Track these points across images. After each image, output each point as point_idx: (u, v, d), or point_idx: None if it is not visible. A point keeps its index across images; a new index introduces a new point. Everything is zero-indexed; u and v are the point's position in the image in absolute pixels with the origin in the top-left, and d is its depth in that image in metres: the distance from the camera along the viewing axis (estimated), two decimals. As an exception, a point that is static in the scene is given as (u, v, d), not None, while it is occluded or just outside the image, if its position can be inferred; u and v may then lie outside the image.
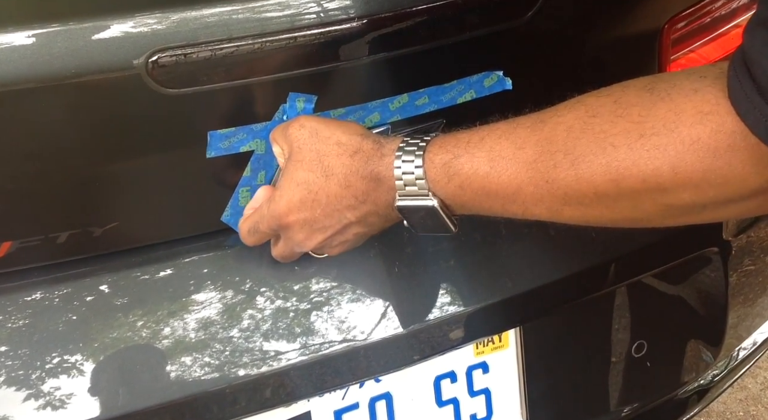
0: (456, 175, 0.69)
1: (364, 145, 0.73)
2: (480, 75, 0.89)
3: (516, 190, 0.66)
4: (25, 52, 0.69)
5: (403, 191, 0.72)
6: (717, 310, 1.13)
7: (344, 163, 0.73)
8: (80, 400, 0.76)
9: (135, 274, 0.83)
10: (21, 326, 0.78)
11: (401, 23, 0.81)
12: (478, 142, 0.68)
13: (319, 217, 0.75)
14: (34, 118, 0.73)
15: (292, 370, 0.83)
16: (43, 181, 0.76)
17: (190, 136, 0.80)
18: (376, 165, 0.72)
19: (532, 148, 0.65)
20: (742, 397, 1.82)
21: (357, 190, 0.74)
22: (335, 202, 0.75)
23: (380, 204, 0.74)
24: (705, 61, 1.12)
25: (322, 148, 0.74)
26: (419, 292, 0.90)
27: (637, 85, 0.63)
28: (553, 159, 0.64)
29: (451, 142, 0.70)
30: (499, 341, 0.97)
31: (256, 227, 0.80)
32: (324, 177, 0.74)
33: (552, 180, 0.64)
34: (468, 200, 0.70)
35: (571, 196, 0.64)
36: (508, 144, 0.67)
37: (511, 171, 0.66)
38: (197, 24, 0.74)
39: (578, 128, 0.63)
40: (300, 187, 0.75)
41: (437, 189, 0.70)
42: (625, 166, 0.60)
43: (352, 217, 0.76)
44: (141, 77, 0.73)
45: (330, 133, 0.75)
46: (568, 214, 0.66)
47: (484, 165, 0.67)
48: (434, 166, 0.70)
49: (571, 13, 0.94)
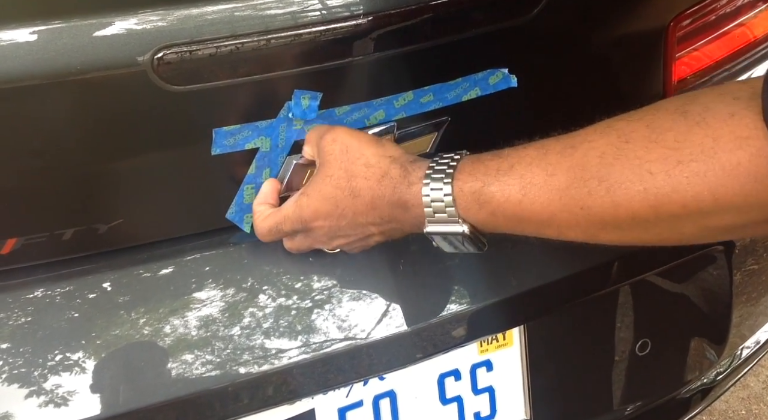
0: (487, 203, 0.69)
1: (391, 171, 0.74)
2: (485, 72, 0.89)
3: (550, 216, 0.66)
4: (30, 49, 0.69)
5: (432, 218, 0.72)
6: (721, 308, 1.13)
7: (371, 186, 0.74)
8: (83, 397, 0.76)
9: (138, 271, 0.83)
10: (24, 323, 0.78)
11: (406, 20, 0.81)
12: (508, 169, 0.68)
13: (344, 227, 0.77)
14: (40, 114, 0.72)
15: (296, 367, 0.83)
16: (48, 177, 0.76)
17: (195, 133, 0.79)
18: (403, 192, 0.73)
19: (564, 175, 0.65)
20: (744, 395, 1.82)
21: (383, 213, 0.75)
22: (361, 219, 0.76)
23: (406, 225, 0.75)
24: (709, 59, 1.12)
25: (351, 168, 0.75)
26: (423, 290, 0.90)
27: (669, 108, 0.62)
28: (586, 186, 0.63)
29: (480, 169, 0.70)
30: (503, 339, 0.97)
31: (279, 228, 0.81)
32: (351, 196, 0.75)
33: (587, 207, 0.64)
34: (500, 224, 0.70)
35: (607, 222, 0.64)
36: (539, 171, 0.66)
37: (544, 198, 0.66)
38: (203, 21, 0.73)
39: (611, 154, 0.62)
40: (328, 201, 0.76)
41: (468, 215, 0.71)
42: (664, 192, 0.60)
43: (376, 231, 0.77)
44: (146, 74, 0.73)
45: (360, 153, 0.75)
46: (604, 238, 0.66)
47: (515, 193, 0.67)
48: (464, 195, 0.70)
49: (576, 10, 0.94)
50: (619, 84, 1.04)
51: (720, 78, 1.13)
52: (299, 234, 0.81)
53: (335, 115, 0.84)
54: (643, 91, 1.05)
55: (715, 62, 1.13)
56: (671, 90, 1.06)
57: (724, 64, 1.14)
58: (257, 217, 0.83)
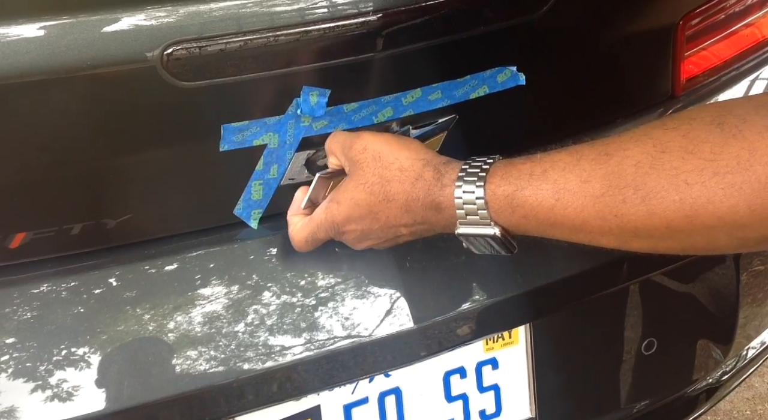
0: (520, 207, 0.69)
1: (425, 173, 0.75)
2: (493, 70, 0.89)
3: (582, 222, 0.66)
4: (41, 44, 0.69)
5: (464, 220, 0.73)
6: (728, 308, 1.13)
7: (405, 189, 0.75)
8: (88, 392, 0.76)
9: (143, 267, 0.83)
10: (30, 318, 0.78)
11: (415, 18, 0.81)
12: (541, 174, 0.68)
13: (376, 230, 0.78)
14: (50, 109, 0.73)
15: (302, 364, 0.83)
16: (58, 172, 0.76)
17: (203, 129, 0.80)
18: (437, 195, 0.74)
19: (598, 182, 0.65)
20: (749, 396, 1.81)
21: (416, 215, 0.76)
22: (393, 222, 0.77)
23: (438, 226, 0.76)
24: (717, 59, 1.12)
25: (385, 173, 0.76)
26: (430, 288, 0.90)
27: (705, 119, 0.62)
28: (621, 194, 0.63)
29: (512, 173, 0.70)
30: (509, 337, 0.97)
31: (314, 236, 0.82)
32: (385, 201, 0.76)
33: (621, 214, 0.64)
34: (532, 228, 0.70)
35: (641, 230, 0.64)
36: (573, 177, 0.66)
37: (577, 204, 0.66)
38: (212, 17, 0.73)
39: (647, 163, 0.62)
40: (361, 207, 0.77)
41: (500, 218, 0.71)
42: (699, 203, 0.60)
43: (406, 232, 0.79)
44: (155, 70, 0.73)
45: (393, 158, 0.76)
46: (636, 246, 0.66)
47: (549, 197, 0.67)
48: (496, 198, 0.70)
49: (585, 8, 0.93)
50: (627, 82, 1.03)
51: (728, 78, 1.13)
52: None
53: (343, 112, 0.84)
54: (652, 89, 1.05)
55: (723, 62, 1.12)
56: (680, 89, 1.06)
57: (732, 63, 1.13)
58: (292, 229, 0.84)
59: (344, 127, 0.85)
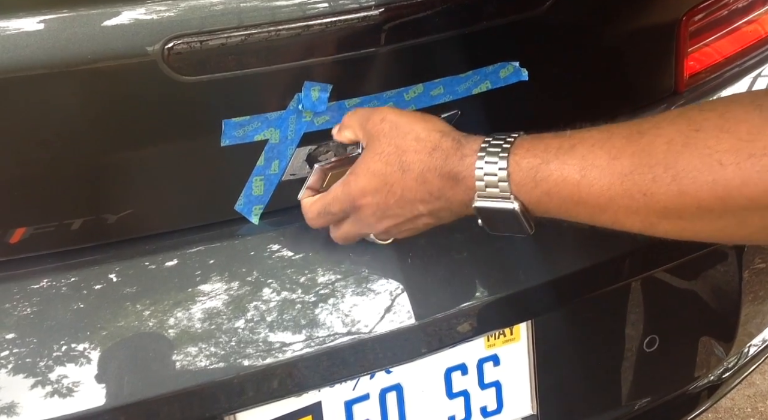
0: (543, 181, 0.67)
1: (443, 143, 0.73)
2: (496, 65, 0.89)
3: (608, 201, 0.65)
4: (41, 38, 0.69)
5: (483, 192, 0.71)
6: (730, 305, 1.13)
7: (422, 159, 0.73)
8: (88, 388, 0.76)
9: (144, 262, 0.83)
10: (30, 313, 0.78)
11: (417, 12, 0.81)
12: (569, 148, 0.67)
13: (392, 205, 0.76)
14: (51, 103, 0.72)
15: (303, 361, 0.83)
16: (58, 167, 0.76)
17: (204, 124, 0.79)
18: (455, 164, 0.72)
19: (628, 159, 0.63)
20: (750, 393, 1.81)
21: (432, 187, 0.74)
22: (409, 195, 0.75)
23: (455, 202, 0.74)
24: (720, 55, 1.12)
25: (401, 142, 0.74)
26: (431, 284, 0.89)
27: (743, 101, 0.61)
28: (651, 172, 0.62)
29: (539, 146, 0.68)
30: (510, 334, 0.97)
31: (327, 209, 0.80)
32: (401, 171, 0.74)
33: (650, 193, 0.62)
34: (553, 206, 0.69)
35: (670, 210, 0.62)
36: (602, 153, 0.65)
37: (604, 181, 0.64)
38: (214, 11, 0.73)
39: (680, 142, 0.61)
40: (376, 177, 0.76)
41: (521, 193, 0.69)
42: (733, 184, 0.59)
43: (424, 210, 0.76)
44: (156, 64, 0.72)
45: (410, 128, 0.75)
46: (664, 228, 0.65)
47: (575, 173, 0.66)
48: (520, 170, 0.69)
49: (588, 3, 0.93)
50: (630, 78, 1.03)
51: (730, 74, 1.13)
52: (347, 220, 0.81)
53: (345, 107, 0.84)
54: (655, 85, 1.05)
55: (726, 58, 1.12)
56: (683, 85, 1.05)
57: (734, 60, 1.13)
58: (305, 203, 0.82)
59: (346, 123, 0.84)
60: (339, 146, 0.86)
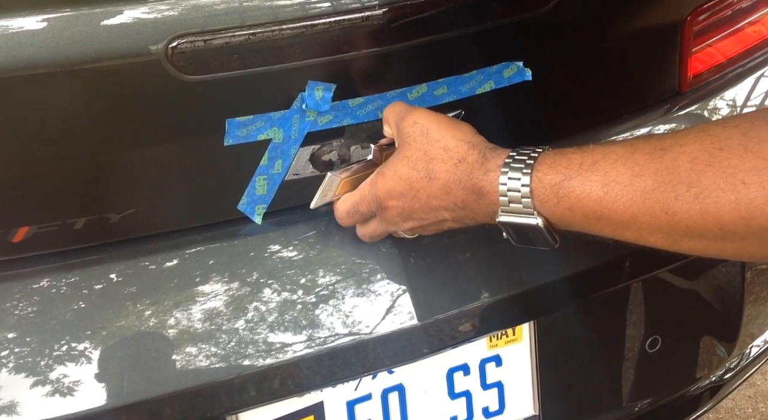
0: (566, 197, 0.67)
1: (469, 156, 0.73)
2: (500, 65, 0.88)
3: (631, 218, 0.65)
4: (45, 37, 0.69)
5: (506, 207, 0.71)
6: (732, 306, 1.13)
7: (448, 170, 0.74)
8: (88, 387, 0.76)
9: (144, 262, 0.83)
10: (30, 313, 0.78)
11: (420, 12, 0.81)
12: (591, 165, 0.67)
13: (417, 209, 0.77)
14: (55, 102, 0.72)
15: (305, 361, 0.82)
16: (62, 166, 0.76)
17: (208, 123, 0.79)
18: (479, 179, 0.72)
19: (651, 177, 0.63)
20: (751, 393, 1.81)
21: (457, 198, 0.74)
22: (434, 202, 0.76)
23: (479, 213, 0.75)
24: (723, 56, 1.11)
25: (430, 150, 0.75)
26: (434, 284, 0.89)
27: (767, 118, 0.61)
28: (674, 190, 0.62)
29: (561, 162, 0.68)
30: (512, 335, 0.97)
31: (356, 208, 0.81)
32: (427, 178, 0.75)
33: (672, 212, 0.62)
34: (576, 222, 0.69)
35: (693, 230, 0.62)
36: (625, 170, 0.65)
37: (627, 198, 0.64)
38: (218, 10, 0.73)
39: (703, 160, 0.61)
40: (403, 181, 0.76)
41: (544, 209, 0.69)
42: (756, 204, 0.58)
43: (448, 216, 0.77)
44: (160, 63, 0.72)
45: (440, 135, 0.75)
46: (687, 246, 0.64)
47: (597, 189, 0.66)
48: (543, 186, 0.69)
49: (593, 3, 0.93)
50: (634, 78, 1.03)
51: (734, 75, 1.12)
52: (374, 218, 0.82)
53: (348, 107, 0.83)
54: (659, 85, 1.05)
55: (729, 59, 1.12)
56: (686, 85, 1.05)
57: (738, 60, 1.13)
58: (337, 203, 0.83)
59: (349, 122, 0.84)
60: (342, 146, 0.86)
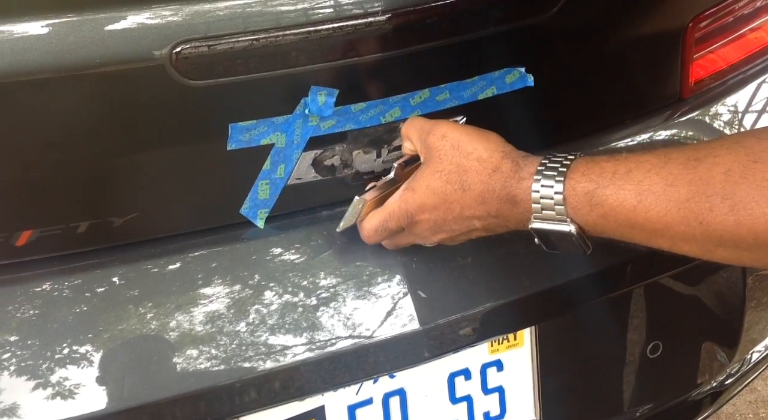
0: (599, 206, 0.68)
1: (503, 165, 0.74)
2: (502, 71, 0.89)
3: (665, 227, 0.65)
4: (49, 42, 0.69)
5: (539, 215, 0.72)
6: (733, 312, 1.13)
7: (482, 180, 0.74)
8: (89, 391, 0.76)
9: (146, 266, 0.83)
10: (32, 316, 0.78)
11: (423, 18, 0.81)
12: (624, 173, 0.67)
13: (449, 221, 0.78)
14: (58, 107, 0.73)
15: (306, 365, 0.83)
16: (66, 170, 0.76)
17: (211, 128, 0.79)
18: (513, 187, 0.73)
19: (685, 187, 0.64)
20: (751, 399, 1.81)
21: (491, 207, 0.75)
22: (467, 213, 0.76)
23: (512, 220, 0.75)
24: (724, 62, 1.12)
25: (463, 162, 0.75)
26: (436, 289, 0.89)
27: None
28: (708, 201, 0.62)
29: (594, 170, 0.69)
30: (514, 339, 0.97)
31: (384, 225, 0.81)
32: (461, 190, 0.75)
33: (707, 222, 0.63)
34: (609, 229, 0.69)
35: (727, 240, 0.63)
36: (659, 179, 0.65)
37: (660, 207, 0.65)
38: (221, 16, 0.73)
39: (737, 172, 0.61)
40: (436, 195, 0.76)
41: (577, 216, 0.70)
42: None
43: (479, 225, 0.78)
44: (164, 68, 0.73)
45: (472, 148, 0.75)
46: (721, 255, 0.65)
47: (631, 198, 0.66)
48: (576, 194, 0.69)
49: (595, 9, 0.93)
50: (636, 84, 1.03)
51: (735, 81, 1.13)
52: (401, 233, 0.82)
53: (351, 112, 0.84)
54: (660, 91, 1.05)
55: (730, 65, 1.12)
56: (688, 91, 1.06)
57: (739, 67, 1.13)
58: (362, 219, 0.83)
59: (351, 127, 0.85)
60: (345, 151, 0.87)
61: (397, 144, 0.89)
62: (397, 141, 0.89)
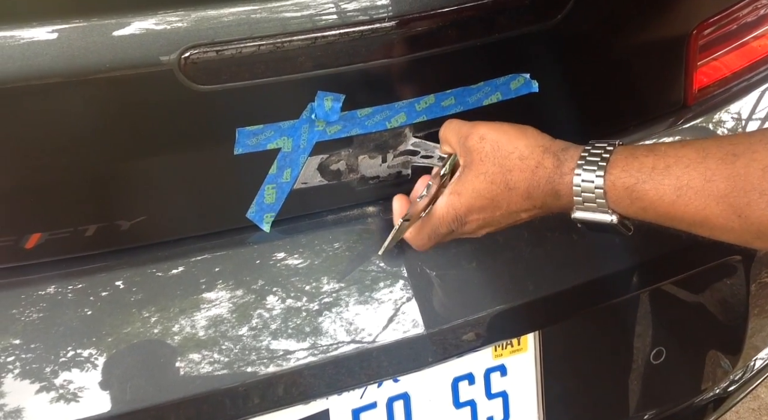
0: (639, 200, 0.70)
1: (545, 161, 0.75)
2: (507, 77, 0.89)
3: (703, 219, 0.67)
4: (59, 47, 0.69)
5: (581, 206, 0.73)
6: (737, 318, 1.13)
7: (526, 178, 0.76)
8: (93, 394, 0.77)
9: (150, 270, 0.83)
10: (36, 319, 0.78)
11: (429, 24, 0.81)
12: (663, 169, 0.68)
13: (498, 217, 0.79)
14: (67, 112, 0.73)
15: (311, 369, 0.83)
16: (75, 174, 0.77)
17: (218, 132, 0.80)
18: (556, 182, 0.74)
19: (723, 182, 0.65)
20: (755, 406, 1.81)
21: (536, 201, 0.76)
22: (514, 208, 0.78)
23: (555, 210, 0.77)
24: (728, 70, 1.12)
25: (505, 163, 0.76)
26: (440, 294, 0.90)
27: None
28: (747, 197, 0.64)
29: (634, 165, 0.70)
30: (518, 344, 0.97)
31: (436, 232, 0.82)
32: (507, 189, 0.76)
33: (745, 216, 0.64)
34: (649, 219, 0.71)
35: (764, 233, 0.64)
36: (697, 175, 0.67)
37: (699, 202, 0.66)
38: (229, 22, 0.74)
39: None
40: (483, 196, 0.78)
41: (617, 207, 0.72)
42: None
43: (525, 216, 0.79)
44: (173, 73, 0.73)
45: (513, 147, 0.76)
46: (759, 245, 0.67)
47: (670, 193, 0.68)
48: (616, 189, 0.71)
49: (600, 16, 0.94)
50: (640, 91, 1.04)
51: (738, 88, 1.13)
52: (452, 233, 0.83)
53: (357, 117, 0.84)
54: (664, 98, 1.05)
55: (734, 73, 1.13)
56: (692, 98, 1.06)
57: (743, 74, 1.14)
58: (413, 232, 0.84)
59: (357, 132, 0.85)
60: (351, 156, 0.87)
61: (403, 149, 0.89)
62: (402, 146, 0.89)
